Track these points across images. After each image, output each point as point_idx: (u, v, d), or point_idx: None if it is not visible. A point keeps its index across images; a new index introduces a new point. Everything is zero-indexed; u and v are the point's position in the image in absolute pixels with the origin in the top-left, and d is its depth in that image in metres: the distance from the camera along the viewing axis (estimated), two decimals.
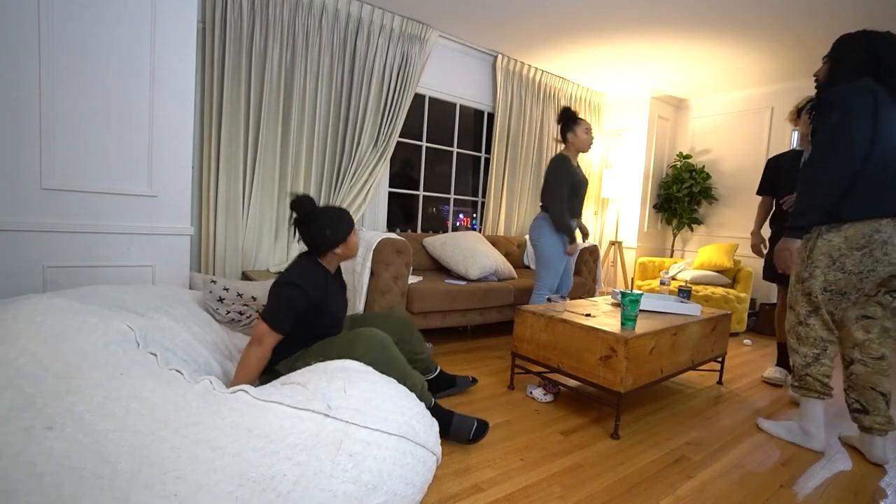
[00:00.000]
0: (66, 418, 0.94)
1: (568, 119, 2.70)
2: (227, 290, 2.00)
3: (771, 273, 2.68)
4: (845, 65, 1.71)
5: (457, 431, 1.70)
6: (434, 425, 1.38)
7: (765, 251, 2.83)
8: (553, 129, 4.64)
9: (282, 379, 1.36)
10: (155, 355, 1.29)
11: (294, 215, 1.65)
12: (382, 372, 1.52)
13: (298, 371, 1.41)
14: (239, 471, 0.92)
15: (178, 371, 1.22)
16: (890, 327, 1.77)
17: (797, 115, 2.66)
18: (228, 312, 1.95)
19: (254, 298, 2.02)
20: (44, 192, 1.95)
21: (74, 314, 1.28)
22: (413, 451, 1.19)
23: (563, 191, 2.65)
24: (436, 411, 1.70)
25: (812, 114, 1.77)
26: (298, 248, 3.21)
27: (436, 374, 2.13)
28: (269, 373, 1.66)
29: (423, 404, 1.39)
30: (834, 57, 1.76)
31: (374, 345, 1.60)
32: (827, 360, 1.83)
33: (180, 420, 0.99)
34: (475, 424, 1.72)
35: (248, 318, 1.97)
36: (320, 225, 1.65)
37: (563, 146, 2.78)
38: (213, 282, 1.99)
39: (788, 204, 2.52)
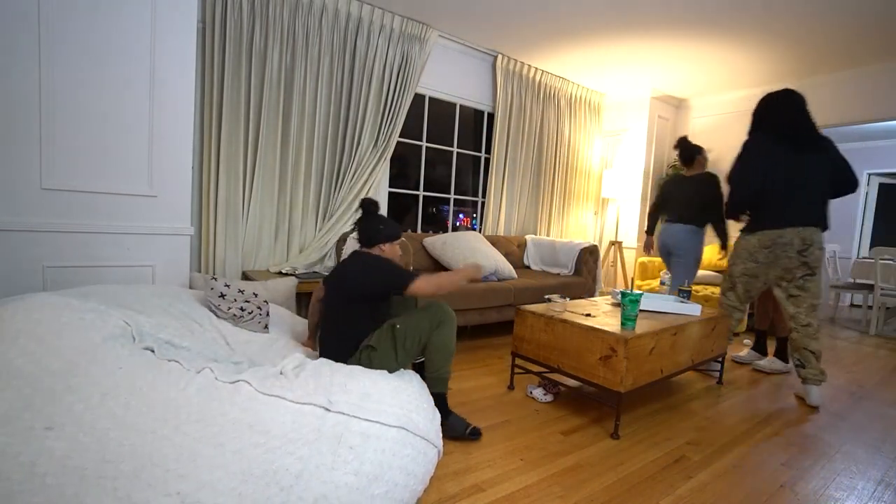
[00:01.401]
0: (65, 418, 0.93)
1: (699, 150, 3.27)
2: (228, 286, 2.00)
3: None
4: (752, 122, 2.52)
5: (452, 424, 1.76)
6: (436, 418, 1.39)
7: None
8: (553, 129, 4.64)
9: (293, 370, 1.35)
10: (152, 350, 1.28)
11: (360, 210, 1.95)
12: (442, 343, 1.72)
13: (309, 363, 1.42)
14: (241, 467, 0.92)
15: (176, 362, 1.22)
16: (816, 304, 2.41)
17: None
18: (230, 308, 1.96)
19: (255, 294, 2.03)
20: (44, 192, 1.95)
21: (72, 311, 1.28)
22: (413, 443, 1.20)
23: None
24: (438, 403, 1.74)
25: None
26: (299, 247, 3.21)
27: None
28: (355, 350, 1.76)
29: (424, 397, 1.41)
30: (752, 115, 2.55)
31: (450, 315, 1.77)
32: (733, 322, 2.68)
33: (181, 417, 0.99)
34: (471, 426, 1.78)
35: (249, 313, 1.97)
36: (378, 220, 1.91)
37: (686, 169, 3.31)
38: (214, 279, 2.00)
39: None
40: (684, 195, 3.22)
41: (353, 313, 1.78)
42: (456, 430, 1.76)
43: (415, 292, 1.72)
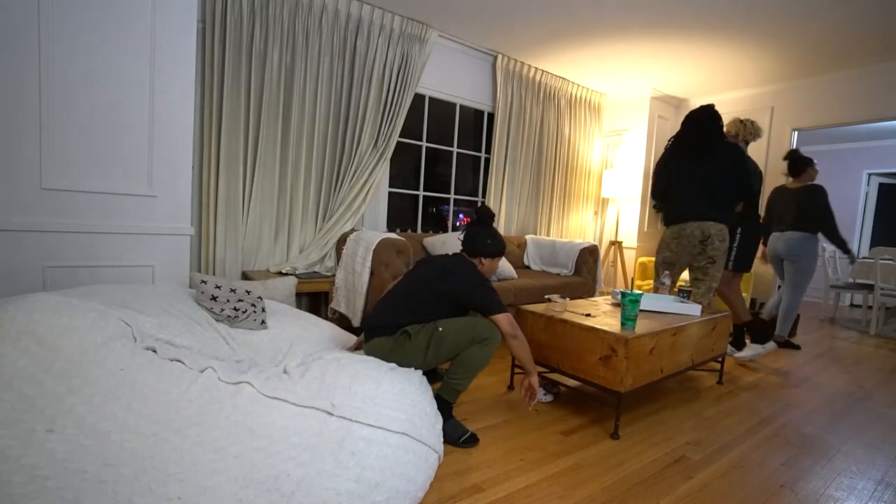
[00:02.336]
0: (67, 420, 0.93)
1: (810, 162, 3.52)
2: (219, 287, 1.99)
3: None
4: None
5: (448, 430, 1.73)
6: (437, 422, 1.39)
7: None
8: (553, 129, 4.64)
9: (296, 369, 1.34)
10: (154, 350, 1.28)
11: (475, 216, 2.02)
12: (476, 359, 1.72)
13: (315, 362, 1.41)
14: (242, 472, 0.92)
15: (179, 361, 1.21)
16: (713, 286, 2.79)
17: None
18: (223, 310, 1.95)
19: (248, 292, 2.01)
20: (44, 192, 1.95)
21: (73, 311, 1.27)
22: (415, 449, 1.19)
23: None
24: (441, 407, 1.75)
25: None
26: (299, 247, 3.21)
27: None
28: (394, 331, 1.77)
29: (427, 400, 1.40)
30: None
31: (496, 338, 1.77)
32: None
33: (182, 420, 0.98)
34: (468, 433, 1.76)
35: (244, 312, 1.96)
36: (488, 234, 1.97)
37: (794, 180, 3.54)
38: (204, 282, 1.99)
39: None
40: (792, 205, 3.45)
41: (425, 301, 1.80)
42: (451, 436, 1.73)
43: (495, 322, 1.75)
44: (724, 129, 2.89)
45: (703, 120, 2.72)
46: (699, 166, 2.72)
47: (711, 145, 2.71)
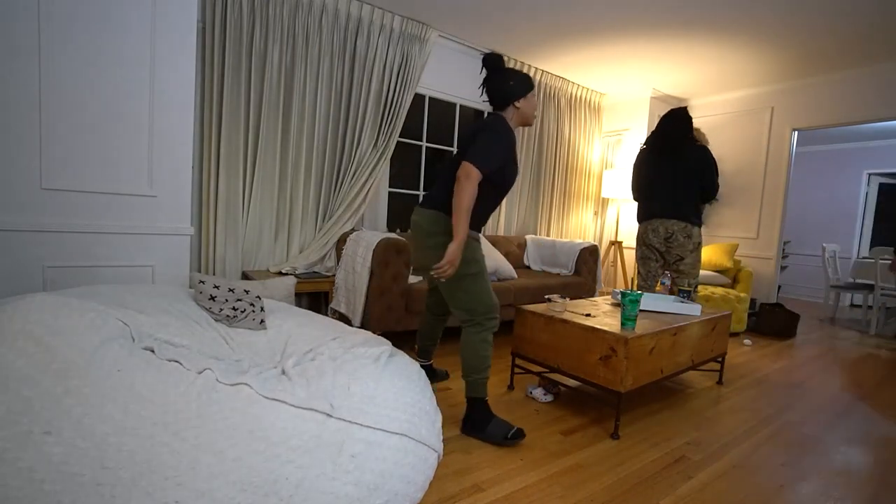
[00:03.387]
0: (64, 421, 0.92)
1: None
2: (217, 287, 1.98)
3: None
4: None
5: (492, 431, 1.75)
6: (437, 420, 1.37)
7: None
8: (553, 129, 4.64)
9: (294, 368, 1.33)
10: (152, 350, 1.27)
11: (484, 70, 1.82)
12: (478, 338, 1.81)
13: (312, 361, 1.40)
14: (240, 476, 0.91)
15: (177, 362, 1.21)
16: (694, 282, 2.84)
17: None
18: (222, 310, 1.94)
19: (246, 292, 2.01)
20: (44, 192, 1.94)
21: (71, 311, 1.27)
22: (415, 450, 1.18)
23: None
24: (481, 407, 1.82)
25: None
26: (299, 247, 3.21)
27: (428, 363, 2.36)
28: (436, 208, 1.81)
29: (427, 398, 1.39)
30: None
31: (489, 319, 1.83)
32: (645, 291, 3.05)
33: (180, 423, 0.98)
34: (513, 428, 1.76)
35: (242, 311, 1.95)
36: (506, 76, 1.80)
37: None
38: (202, 282, 1.98)
39: None
40: None
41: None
42: (496, 435, 1.73)
43: (459, 172, 1.66)
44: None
45: (675, 122, 2.84)
46: (666, 167, 2.84)
47: (682, 146, 2.82)
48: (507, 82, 1.80)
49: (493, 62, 1.82)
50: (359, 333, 1.70)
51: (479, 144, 1.68)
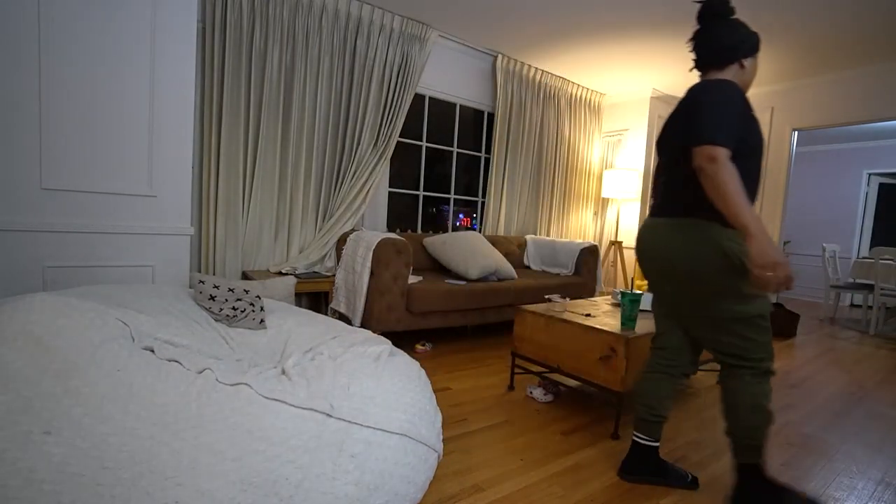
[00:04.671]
0: (63, 422, 0.92)
1: None
2: (217, 286, 1.98)
3: None
4: None
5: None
6: (437, 420, 1.36)
7: None
8: (553, 129, 4.64)
9: (293, 368, 1.33)
10: (152, 350, 1.27)
11: (703, 12, 1.40)
12: (760, 388, 1.33)
13: (311, 360, 1.39)
14: (240, 476, 0.91)
15: (177, 362, 1.21)
16: None
17: None
18: (221, 310, 1.94)
19: (246, 291, 2.01)
20: (44, 192, 1.94)
21: (71, 311, 1.27)
22: (415, 450, 1.18)
23: None
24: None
25: None
26: (299, 247, 3.21)
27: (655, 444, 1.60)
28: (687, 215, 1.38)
29: (426, 398, 1.35)
30: None
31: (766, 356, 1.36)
32: None
33: (180, 423, 0.98)
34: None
35: (242, 311, 1.95)
36: (735, 26, 1.38)
37: None
38: (202, 282, 1.98)
39: None
40: None
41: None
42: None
43: (699, 162, 1.22)
44: None
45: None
46: None
47: None
48: (736, 33, 1.37)
49: (719, 5, 1.39)
50: (358, 332, 1.70)
51: (705, 118, 1.26)
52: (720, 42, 1.38)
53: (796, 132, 4.36)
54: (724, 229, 1.32)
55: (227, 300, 1.96)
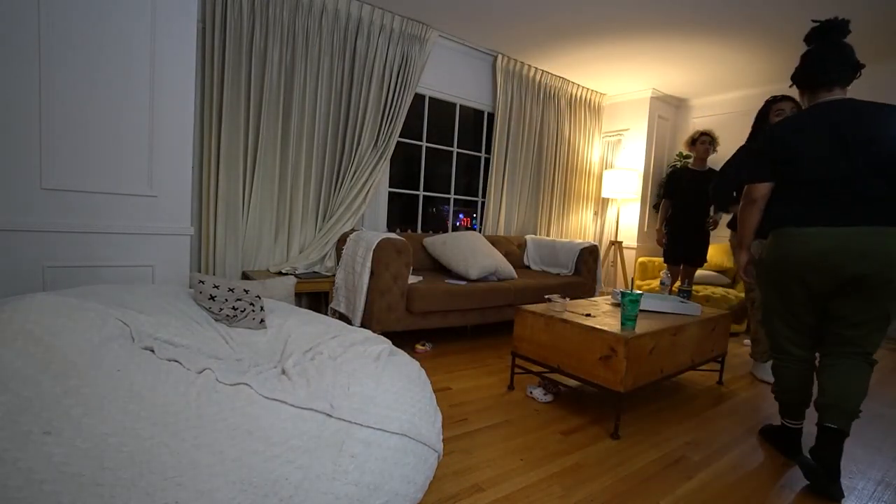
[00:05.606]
0: (63, 422, 0.92)
1: None
2: (217, 286, 1.98)
3: None
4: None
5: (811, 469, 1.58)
6: (437, 420, 1.36)
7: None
8: (553, 129, 4.64)
9: (293, 368, 1.33)
10: (152, 350, 1.27)
11: (831, 29, 1.48)
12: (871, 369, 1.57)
13: (311, 360, 1.39)
14: (240, 476, 0.91)
15: (176, 362, 1.21)
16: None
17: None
18: (221, 310, 1.94)
19: (246, 291, 2.00)
20: (44, 192, 1.94)
21: (71, 311, 1.26)
22: (415, 450, 1.18)
23: None
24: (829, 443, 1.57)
25: None
26: (299, 247, 3.21)
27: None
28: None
29: (427, 397, 1.35)
30: None
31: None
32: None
33: (179, 423, 0.98)
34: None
35: (242, 311, 1.95)
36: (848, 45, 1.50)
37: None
38: (202, 282, 1.98)
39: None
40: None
41: None
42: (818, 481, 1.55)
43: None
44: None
45: None
46: None
47: None
48: (853, 51, 1.46)
49: (846, 24, 1.47)
50: (358, 332, 1.70)
51: None
52: (854, 60, 1.45)
53: None
54: None
55: (227, 300, 1.96)
